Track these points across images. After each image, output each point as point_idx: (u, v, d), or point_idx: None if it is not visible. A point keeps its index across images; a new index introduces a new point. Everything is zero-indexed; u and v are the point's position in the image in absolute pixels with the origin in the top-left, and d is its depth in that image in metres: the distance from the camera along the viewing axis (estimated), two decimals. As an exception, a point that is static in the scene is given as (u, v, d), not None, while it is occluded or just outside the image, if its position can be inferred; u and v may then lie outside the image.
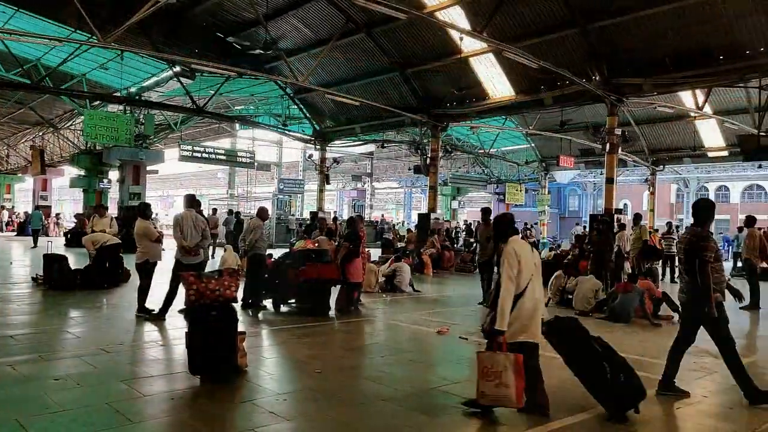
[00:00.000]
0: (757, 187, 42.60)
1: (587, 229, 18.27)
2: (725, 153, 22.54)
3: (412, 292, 12.61)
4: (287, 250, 14.43)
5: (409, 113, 19.21)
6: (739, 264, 17.27)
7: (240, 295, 8.70)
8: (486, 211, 11.79)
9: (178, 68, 18.28)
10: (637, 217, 14.62)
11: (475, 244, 19.14)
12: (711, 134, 22.28)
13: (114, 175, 27.17)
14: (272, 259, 10.71)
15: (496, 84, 17.46)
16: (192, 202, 8.72)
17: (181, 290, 5.94)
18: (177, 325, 7.59)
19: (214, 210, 23.56)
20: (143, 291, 8.59)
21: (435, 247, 18.37)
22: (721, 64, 13.23)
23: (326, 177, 24.96)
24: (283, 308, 9.77)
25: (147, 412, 4.61)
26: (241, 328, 6.29)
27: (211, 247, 19.45)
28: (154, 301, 8.52)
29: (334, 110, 22.94)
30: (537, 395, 4.66)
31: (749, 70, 13.05)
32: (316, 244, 11.48)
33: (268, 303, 9.78)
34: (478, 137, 28.63)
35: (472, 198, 42.46)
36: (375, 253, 19.30)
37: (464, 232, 27.55)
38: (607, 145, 15.35)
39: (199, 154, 24.64)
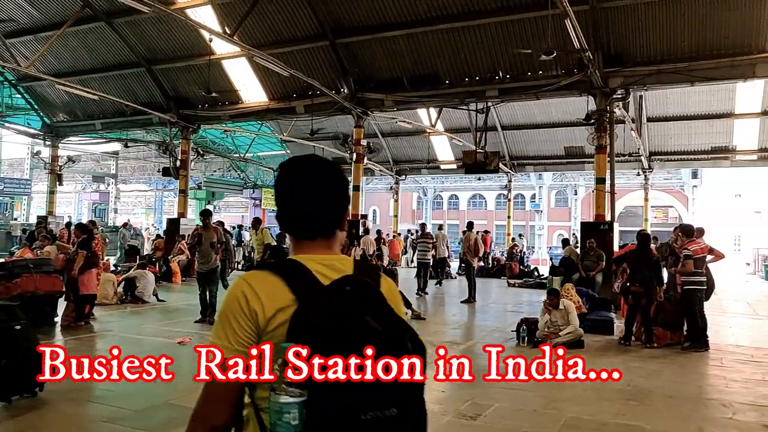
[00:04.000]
0: (479, 196, 49.21)
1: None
2: (454, 166, 25.64)
3: (155, 302, 11.88)
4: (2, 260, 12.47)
5: (157, 112, 18.08)
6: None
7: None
8: (206, 213, 10.23)
9: None
10: (256, 222, 15.24)
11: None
12: (443, 149, 25.20)
13: None
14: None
15: (250, 89, 17.41)
16: None
17: None
18: None
19: None
20: None
21: (184, 253, 17.54)
22: (447, 88, 15.07)
23: (59, 177, 22.23)
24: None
25: None
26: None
27: None
28: None
29: (69, 103, 20.54)
30: None
31: (468, 95, 15.06)
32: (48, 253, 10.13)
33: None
34: (234, 141, 28.24)
35: (229, 202, 41.63)
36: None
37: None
38: (354, 155, 16.38)
39: None
